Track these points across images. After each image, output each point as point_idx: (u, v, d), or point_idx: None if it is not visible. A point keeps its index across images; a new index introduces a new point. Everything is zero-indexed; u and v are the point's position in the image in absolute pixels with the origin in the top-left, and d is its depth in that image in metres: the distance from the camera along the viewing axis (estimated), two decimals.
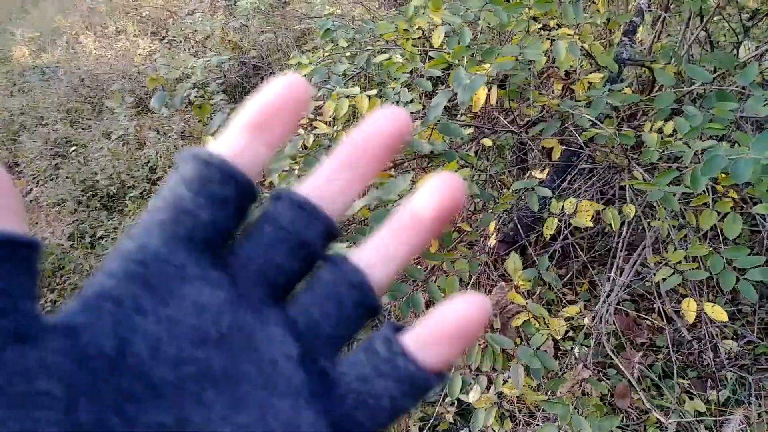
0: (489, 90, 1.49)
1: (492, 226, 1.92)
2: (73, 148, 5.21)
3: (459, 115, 2.17)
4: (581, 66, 1.89)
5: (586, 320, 1.59)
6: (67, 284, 3.90)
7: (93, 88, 5.85)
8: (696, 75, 1.56)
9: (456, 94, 1.32)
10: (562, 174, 1.93)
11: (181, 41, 6.32)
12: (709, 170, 1.19)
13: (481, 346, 1.38)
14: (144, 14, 7.43)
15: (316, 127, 1.57)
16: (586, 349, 2.26)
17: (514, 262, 1.52)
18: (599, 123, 1.55)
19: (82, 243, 4.22)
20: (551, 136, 1.73)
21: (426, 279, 1.44)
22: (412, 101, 1.54)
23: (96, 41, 7.05)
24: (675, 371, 2.25)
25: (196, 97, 5.56)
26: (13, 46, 7.25)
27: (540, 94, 1.77)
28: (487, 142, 1.78)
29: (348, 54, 1.81)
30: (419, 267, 1.62)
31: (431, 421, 2.80)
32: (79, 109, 5.76)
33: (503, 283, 1.56)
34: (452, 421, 2.87)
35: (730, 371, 2.17)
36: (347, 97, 1.52)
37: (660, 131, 1.54)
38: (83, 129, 5.46)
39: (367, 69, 1.63)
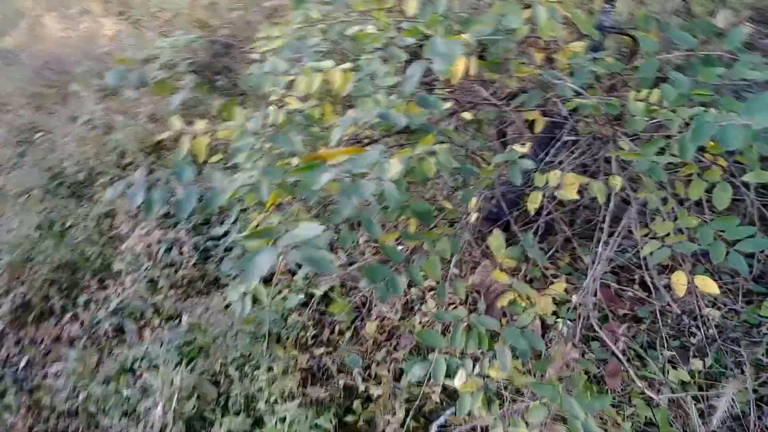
0: (468, 61, 1.42)
1: (473, 202, 1.86)
2: (39, 134, 5.04)
3: (436, 88, 2.10)
4: (562, 35, 1.83)
5: (575, 298, 1.55)
6: (38, 275, 3.78)
7: (57, 72, 5.65)
8: (682, 40, 1.51)
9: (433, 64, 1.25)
10: (545, 147, 1.87)
11: (147, 20, 6.11)
12: (698, 137, 1.14)
13: (466, 328, 1.34)
14: None
15: (287, 104, 1.49)
16: (570, 323, 2.24)
17: (497, 239, 1.47)
18: (583, 92, 1.49)
19: (51, 232, 4.08)
20: (533, 107, 1.67)
21: (407, 260, 1.38)
22: (387, 74, 1.46)
23: (59, 23, 6.80)
24: (663, 342, 2.24)
25: (164, 77, 5.39)
26: None
27: (521, 64, 1.71)
28: (467, 116, 1.71)
29: (321, 27, 1.72)
30: (399, 248, 1.56)
31: (417, 401, 2.78)
32: (43, 93, 5.56)
33: (487, 261, 1.50)
34: (438, 401, 2.85)
35: (723, 345, 2.16)
36: (320, 71, 1.44)
37: (645, 99, 1.49)
38: (49, 114, 5.28)
39: (340, 42, 1.54)
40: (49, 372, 3.27)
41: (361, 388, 2.97)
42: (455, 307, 2.35)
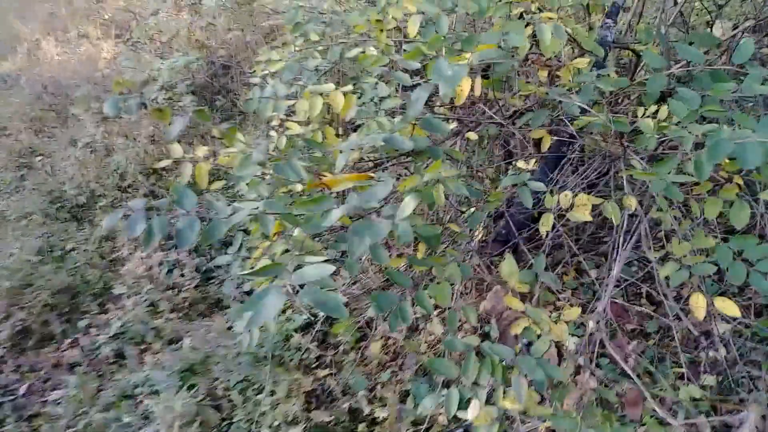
0: (473, 81, 1.39)
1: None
2: (39, 157, 5.02)
3: (438, 107, 2.08)
4: (563, 52, 1.80)
5: (591, 324, 1.50)
6: (38, 300, 3.74)
7: (56, 95, 5.65)
8: (687, 54, 1.48)
9: (438, 87, 1.22)
10: (553, 166, 1.83)
11: (146, 43, 6.11)
12: (715, 156, 1.11)
13: (478, 357, 1.29)
14: (106, 17, 7.20)
15: (288, 128, 1.46)
16: (577, 339, 2.19)
17: (509, 265, 1.42)
18: (590, 110, 1.46)
19: (51, 257, 4.05)
20: (540, 126, 1.64)
21: (415, 286, 1.34)
22: (389, 96, 1.43)
23: (58, 47, 6.82)
24: (673, 358, 2.19)
25: (164, 99, 5.37)
26: None
27: (526, 82, 1.68)
28: (473, 136, 1.68)
29: (320, 48, 1.70)
30: (406, 272, 1.50)
31: (424, 424, 2.72)
32: (43, 117, 5.55)
33: (498, 286, 1.45)
34: (446, 423, 2.79)
35: (745, 368, 2.11)
36: (321, 94, 1.41)
37: (654, 116, 1.46)
38: (48, 138, 5.27)
39: (340, 63, 1.52)
40: (49, 399, 3.22)
41: (366, 411, 2.91)
42: (465, 333, 2.30)
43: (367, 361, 3.15)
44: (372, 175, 1.03)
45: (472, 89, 1.36)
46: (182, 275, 3.73)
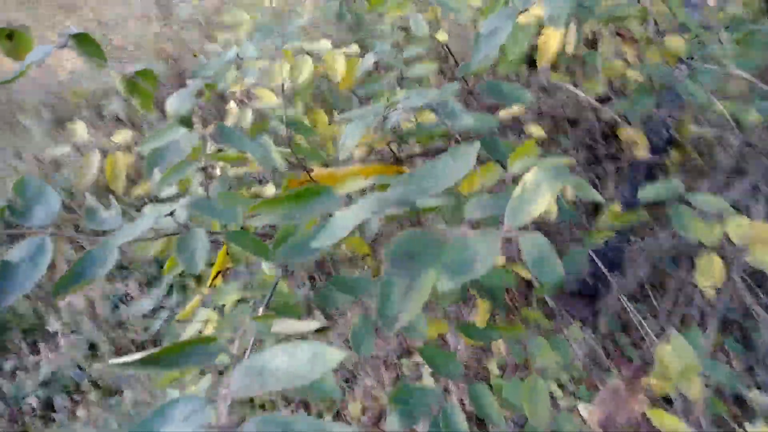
0: (566, 32, 0.90)
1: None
2: None
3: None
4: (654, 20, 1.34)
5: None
6: None
7: (4, 103, 5.14)
8: None
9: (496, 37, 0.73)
10: (644, 177, 1.35)
11: (109, 52, 5.65)
12: None
13: None
14: (68, 25, 6.79)
15: (258, 98, 0.95)
16: None
17: (679, 347, 0.83)
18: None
19: None
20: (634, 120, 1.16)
21: (465, 376, 0.80)
22: (416, 58, 0.95)
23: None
24: None
25: (126, 112, 4.85)
26: None
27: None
28: (537, 130, 1.17)
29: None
30: (451, 354, 0.89)
31: None
32: None
33: (618, 381, 0.90)
34: None
35: None
36: (310, 54, 0.92)
37: None
38: None
39: (341, 16, 1.02)
40: None
41: None
42: None
43: (346, 421, 2.62)
44: (404, 168, 0.56)
45: (563, 48, 0.87)
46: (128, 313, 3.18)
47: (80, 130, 0.98)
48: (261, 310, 0.61)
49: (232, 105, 1.00)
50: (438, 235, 0.40)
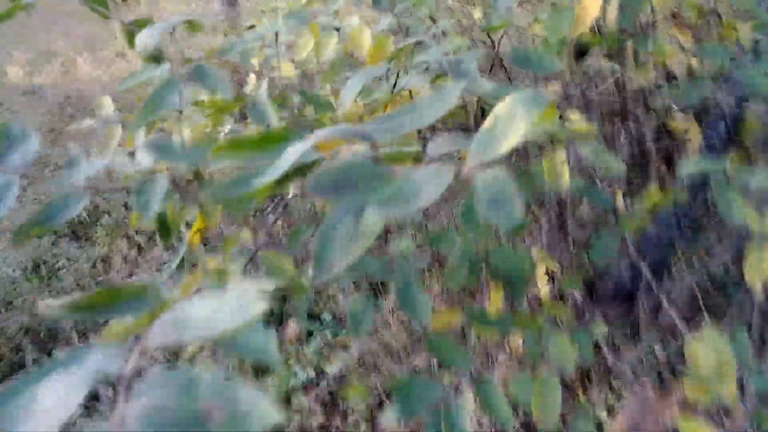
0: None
1: (543, 266, 1.23)
2: (48, 168, 4.71)
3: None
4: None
5: None
6: (13, 322, 3.28)
7: (78, 108, 5.45)
8: None
9: None
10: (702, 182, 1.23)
11: (180, 61, 5.90)
12: None
13: None
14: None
15: (280, 70, 0.94)
16: None
17: (711, 343, 0.71)
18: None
19: (37, 275, 3.61)
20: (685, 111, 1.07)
21: (477, 374, 0.71)
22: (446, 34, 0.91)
23: (93, 64, 6.75)
24: None
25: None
26: (8, 67, 6.97)
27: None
28: (573, 116, 1.10)
29: None
30: (459, 344, 0.80)
31: None
32: (63, 129, 5.32)
33: (649, 392, 0.80)
34: None
35: None
36: (337, 30, 0.90)
37: None
38: (63, 148, 4.99)
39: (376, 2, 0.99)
40: None
41: None
42: None
43: None
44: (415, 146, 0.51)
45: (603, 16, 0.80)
46: None
47: (106, 105, 1.02)
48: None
49: (251, 76, 1.00)
50: (386, 168, 0.36)
